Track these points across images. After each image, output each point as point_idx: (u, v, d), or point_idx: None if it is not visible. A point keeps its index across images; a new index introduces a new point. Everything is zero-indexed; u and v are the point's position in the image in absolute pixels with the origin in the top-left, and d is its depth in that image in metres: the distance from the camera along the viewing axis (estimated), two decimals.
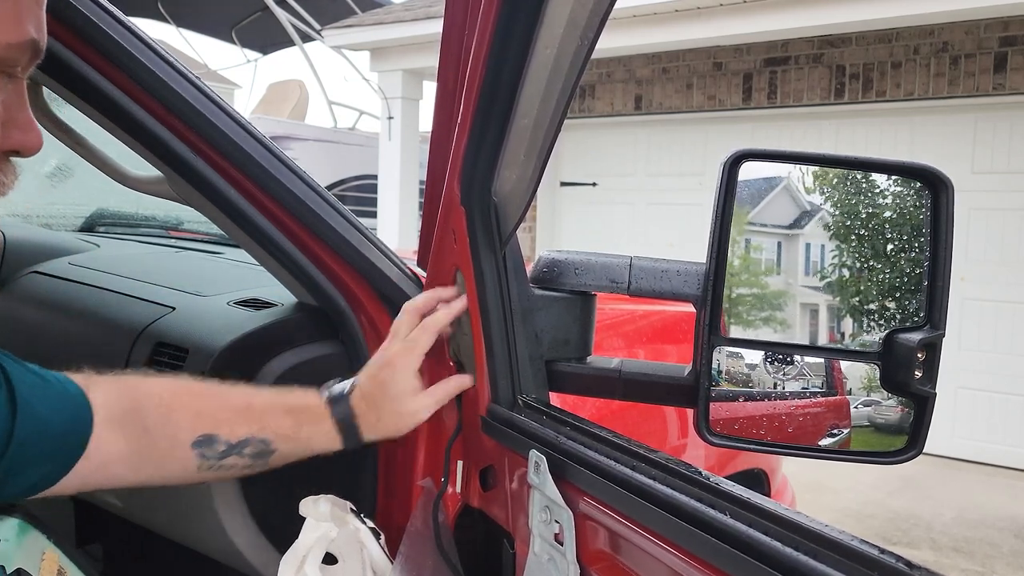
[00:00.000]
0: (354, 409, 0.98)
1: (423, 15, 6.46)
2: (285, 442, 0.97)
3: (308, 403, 0.99)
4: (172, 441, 0.93)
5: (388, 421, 0.98)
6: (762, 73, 5.82)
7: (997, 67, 5.01)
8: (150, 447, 0.93)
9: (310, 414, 0.98)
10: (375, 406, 0.98)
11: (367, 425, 0.98)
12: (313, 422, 0.97)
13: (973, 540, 4.04)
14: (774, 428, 0.88)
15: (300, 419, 0.97)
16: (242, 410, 0.96)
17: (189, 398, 0.96)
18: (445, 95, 0.96)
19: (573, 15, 0.67)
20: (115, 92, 1.02)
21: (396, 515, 1.17)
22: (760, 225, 0.89)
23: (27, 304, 1.54)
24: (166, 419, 0.94)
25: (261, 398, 1.00)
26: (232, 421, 0.95)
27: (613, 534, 0.72)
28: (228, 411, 0.96)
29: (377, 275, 1.16)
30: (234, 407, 0.97)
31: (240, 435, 0.95)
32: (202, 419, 0.94)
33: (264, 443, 0.95)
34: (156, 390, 0.96)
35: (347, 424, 0.97)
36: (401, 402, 0.98)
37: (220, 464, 0.95)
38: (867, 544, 0.50)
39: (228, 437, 0.94)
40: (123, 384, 0.95)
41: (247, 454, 0.95)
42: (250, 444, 0.95)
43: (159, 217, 2.26)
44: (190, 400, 0.96)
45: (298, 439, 0.97)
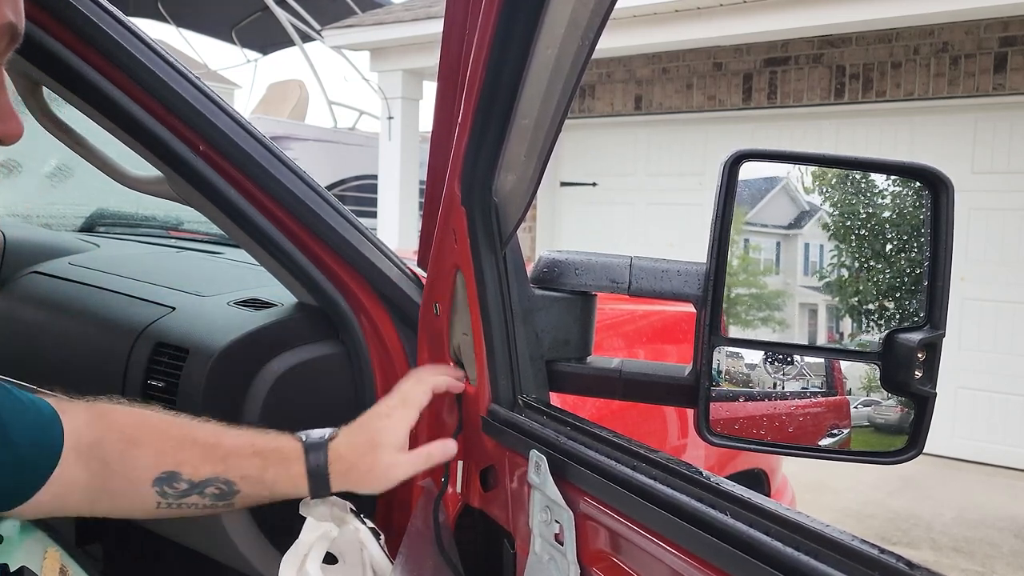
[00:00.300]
0: (330, 456, 0.94)
1: (423, 15, 6.46)
2: (249, 484, 0.93)
3: (279, 446, 0.95)
4: (131, 477, 0.91)
5: (363, 473, 0.95)
6: (762, 73, 5.82)
7: (997, 67, 5.01)
8: (108, 481, 0.90)
9: (278, 457, 0.94)
10: (355, 455, 0.95)
11: (337, 473, 0.94)
12: (281, 465, 0.94)
13: (973, 540, 4.04)
14: (774, 428, 0.88)
15: (267, 461, 0.94)
16: (207, 448, 0.93)
17: (154, 433, 0.93)
18: (446, 95, 0.96)
19: (574, 15, 0.67)
20: (115, 92, 1.02)
21: (396, 515, 1.17)
22: (759, 225, 0.89)
23: (27, 304, 1.54)
24: (127, 454, 0.91)
25: (229, 437, 0.96)
26: (196, 460, 0.92)
27: (613, 534, 0.72)
28: (193, 449, 0.93)
29: (377, 275, 1.16)
30: (200, 445, 0.93)
31: (203, 475, 0.92)
32: (164, 456, 0.91)
33: (227, 484, 0.92)
34: (121, 422, 0.93)
35: (319, 471, 0.94)
36: (384, 454, 0.95)
37: (180, 503, 0.92)
38: (867, 544, 0.50)
39: (190, 476, 0.91)
40: (93, 412, 0.93)
41: (208, 494, 0.92)
42: (212, 484, 0.92)
43: (159, 217, 2.26)
44: (154, 435, 0.93)
45: (263, 481, 0.93)
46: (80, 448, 0.89)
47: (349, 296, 1.18)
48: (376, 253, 1.17)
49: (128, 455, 0.91)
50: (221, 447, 0.94)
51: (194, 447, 0.93)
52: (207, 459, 0.92)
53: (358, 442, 0.96)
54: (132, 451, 0.91)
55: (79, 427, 0.90)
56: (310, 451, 0.94)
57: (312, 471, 0.93)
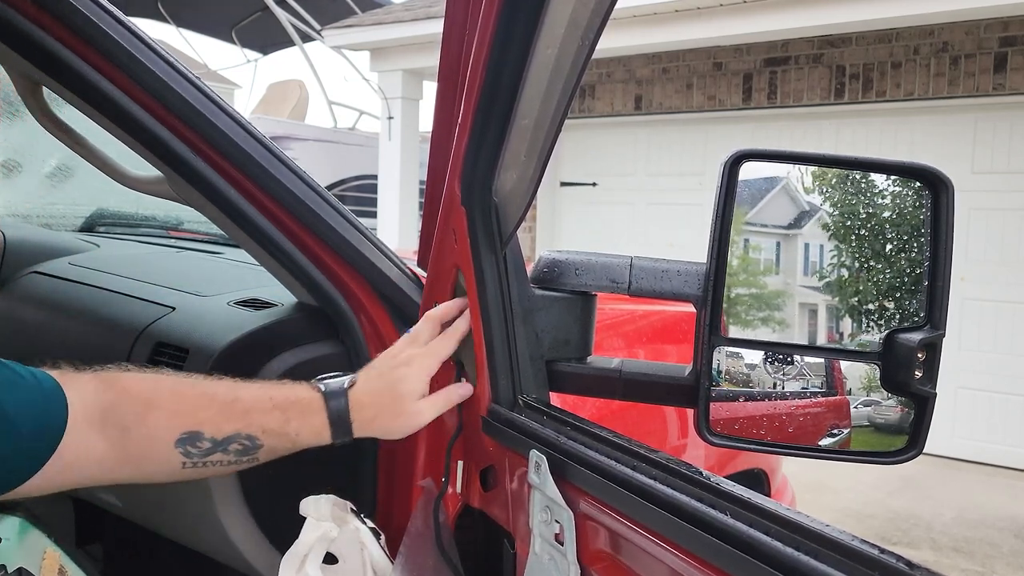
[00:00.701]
0: (351, 404, 0.96)
1: (423, 15, 6.46)
2: (272, 437, 0.94)
3: (299, 396, 0.96)
4: (153, 440, 0.90)
5: (386, 419, 0.96)
6: (762, 73, 5.82)
7: (997, 67, 5.01)
8: (130, 446, 0.90)
9: (299, 408, 0.95)
10: (377, 402, 0.96)
11: (361, 421, 0.96)
12: (302, 416, 0.95)
13: (973, 540, 4.04)
14: (774, 428, 0.88)
15: (288, 414, 0.94)
16: (227, 405, 0.93)
17: (171, 394, 0.93)
18: (446, 95, 0.96)
19: (574, 15, 0.67)
20: (115, 92, 1.02)
21: (396, 515, 1.17)
22: (759, 225, 0.89)
23: (27, 304, 1.54)
24: (146, 416, 0.90)
25: (248, 392, 0.96)
26: (217, 417, 0.92)
27: (613, 534, 0.72)
28: (213, 407, 0.93)
29: (377, 275, 1.16)
30: (220, 402, 0.94)
31: (226, 432, 0.92)
32: (185, 416, 0.91)
33: (250, 439, 0.93)
34: (136, 386, 0.92)
35: (341, 418, 0.95)
36: (406, 402, 0.96)
37: (205, 461, 0.92)
38: (867, 544, 0.50)
39: (213, 434, 0.92)
40: (101, 380, 0.92)
41: (232, 451, 0.93)
42: (236, 441, 0.92)
43: (159, 217, 2.26)
44: (172, 396, 0.93)
45: (285, 434, 0.94)
46: (92, 417, 0.88)
47: (349, 296, 1.18)
48: (376, 253, 1.17)
49: (147, 418, 0.90)
50: (240, 402, 0.94)
51: (213, 405, 0.93)
52: (228, 416, 0.92)
53: (378, 389, 0.97)
54: (150, 414, 0.90)
55: (87, 396, 0.89)
56: (330, 399, 0.95)
57: (334, 420, 0.95)
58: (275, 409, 0.94)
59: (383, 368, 0.99)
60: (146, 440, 0.90)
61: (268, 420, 0.94)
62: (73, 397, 0.88)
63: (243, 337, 1.20)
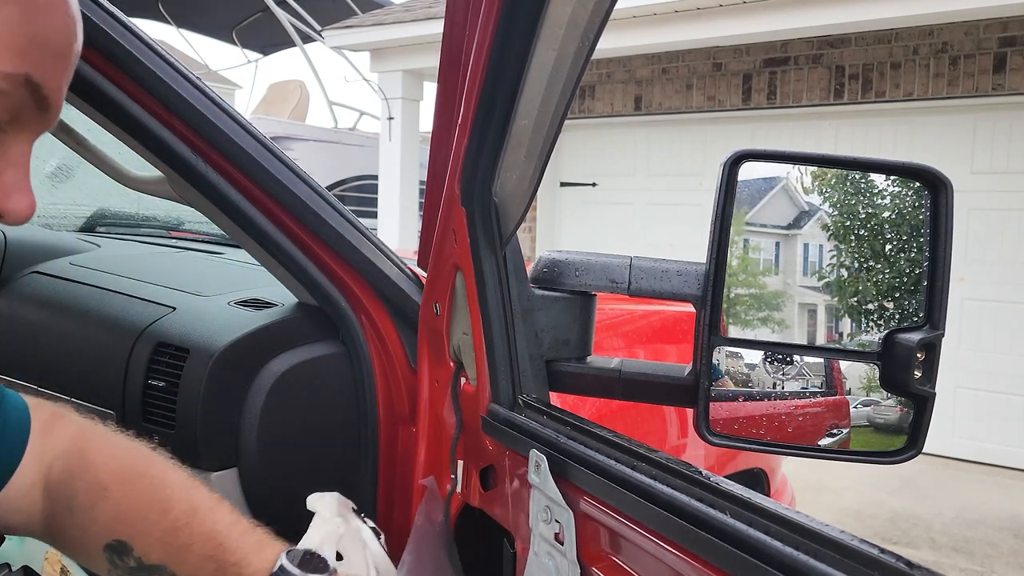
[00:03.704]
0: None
1: (423, 16, 6.46)
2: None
3: (243, 559, 0.80)
4: (87, 533, 0.82)
5: None
6: (761, 74, 5.82)
7: (996, 67, 5.01)
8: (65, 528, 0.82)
9: (235, 573, 0.80)
10: None
11: None
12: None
13: (972, 540, 4.04)
14: (774, 428, 0.88)
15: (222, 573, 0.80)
16: (173, 528, 0.81)
17: (127, 489, 0.82)
18: (446, 96, 0.96)
19: (574, 16, 0.67)
20: (116, 92, 1.02)
21: (396, 515, 1.17)
22: (759, 225, 0.89)
23: (28, 304, 1.54)
24: (94, 506, 0.81)
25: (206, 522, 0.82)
26: (153, 537, 0.81)
27: (613, 534, 0.72)
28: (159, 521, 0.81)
29: (377, 275, 1.16)
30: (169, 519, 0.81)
31: (152, 559, 0.80)
32: (123, 521, 0.81)
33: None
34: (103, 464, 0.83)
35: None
36: None
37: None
38: (867, 544, 0.50)
39: (141, 555, 0.80)
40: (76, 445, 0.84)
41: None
42: (159, 573, 0.81)
43: (160, 217, 2.26)
44: (127, 492, 0.82)
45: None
46: (50, 479, 0.82)
47: (349, 296, 1.18)
48: (376, 253, 1.17)
49: (93, 509, 0.81)
50: (188, 531, 0.81)
51: (162, 519, 0.81)
52: (164, 541, 0.81)
53: None
54: (99, 504, 0.81)
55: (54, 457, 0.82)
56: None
57: None
58: (211, 560, 0.80)
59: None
60: (80, 531, 0.82)
61: (199, 569, 0.80)
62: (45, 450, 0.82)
63: (243, 337, 1.21)
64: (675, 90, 6.20)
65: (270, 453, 1.17)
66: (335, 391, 1.21)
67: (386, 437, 1.19)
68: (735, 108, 5.95)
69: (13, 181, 0.57)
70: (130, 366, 1.27)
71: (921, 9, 4.66)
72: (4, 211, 0.57)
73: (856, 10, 4.83)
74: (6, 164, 0.56)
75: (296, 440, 1.20)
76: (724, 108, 5.99)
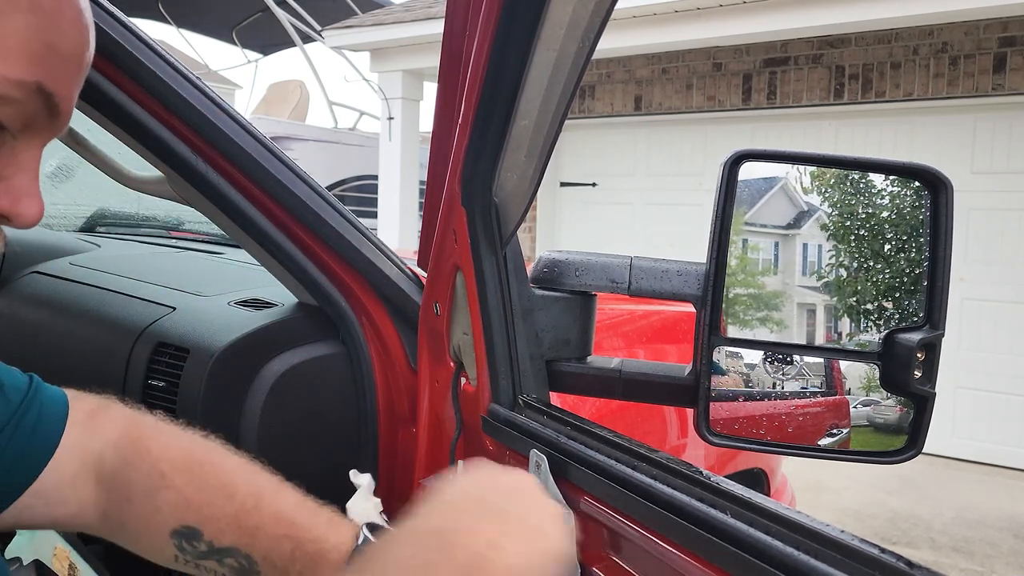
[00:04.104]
0: None
1: (423, 16, 6.46)
2: (270, 570, 0.79)
3: (321, 535, 0.79)
4: (151, 521, 0.81)
5: None
6: (761, 74, 5.82)
7: (996, 67, 5.01)
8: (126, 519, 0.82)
9: (314, 549, 0.78)
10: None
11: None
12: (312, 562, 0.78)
13: (972, 540, 4.04)
14: (774, 428, 0.88)
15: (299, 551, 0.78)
16: (242, 511, 0.80)
17: (187, 477, 0.82)
18: (446, 96, 0.96)
19: (574, 16, 0.67)
20: (115, 92, 1.02)
21: (396, 515, 1.17)
22: (759, 225, 0.89)
23: (28, 304, 1.54)
24: (156, 494, 0.80)
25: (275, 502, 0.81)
26: (223, 521, 0.80)
27: (614, 533, 0.72)
28: (227, 505, 0.81)
29: (377, 275, 1.16)
30: (236, 502, 0.81)
31: (224, 542, 0.79)
32: (190, 507, 0.80)
33: (248, 561, 0.79)
34: (159, 452, 0.82)
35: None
36: None
37: (199, 564, 0.81)
38: (867, 544, 0.50)
39: (212, 539, 0.80)
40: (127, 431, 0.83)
41: (228, 565, 0.80)
42: (232, 556, 0.79)
43: (160, 217, 2.26)
44: (189, 479, 0.82)
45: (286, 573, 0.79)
46: (101, 471, 0.81)
47: (349, 296, 1.18)
48: (376, 253, 1.17)
49: (155, 496, 0.80)
50: (257, 513, 0.80)
51: (228, 504, 0.80)
52: (235, 524, 0.80)
53: None
54: (160, 493, 0.80)
55: (104, 447, 0.82)
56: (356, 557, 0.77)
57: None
58: (287, 538, 0.79)
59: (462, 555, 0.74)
60: (144, 520, 0.82)
61: (274, 548, 0.79)
62: (90, 437, 0.82)
63: (243, 337, 1.21)
64: (675, 90, 6.20)
65: (270, 453, 1.17)
66: (335, 391, 1.21)
67: (386, 437, 1.19)
68: (735, 108, 5.95)
69: (23, 186, 0.57)
70: (130, 366, 1.28)
71: (921, 9, 4.67)
72: (13, 215, 0.57)
73: (856, 10, 4.83)
74: (16, 169, 0.57)
75: (296, 440, 1.20)
76: (724, 108, 5.99)
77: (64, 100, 0.58)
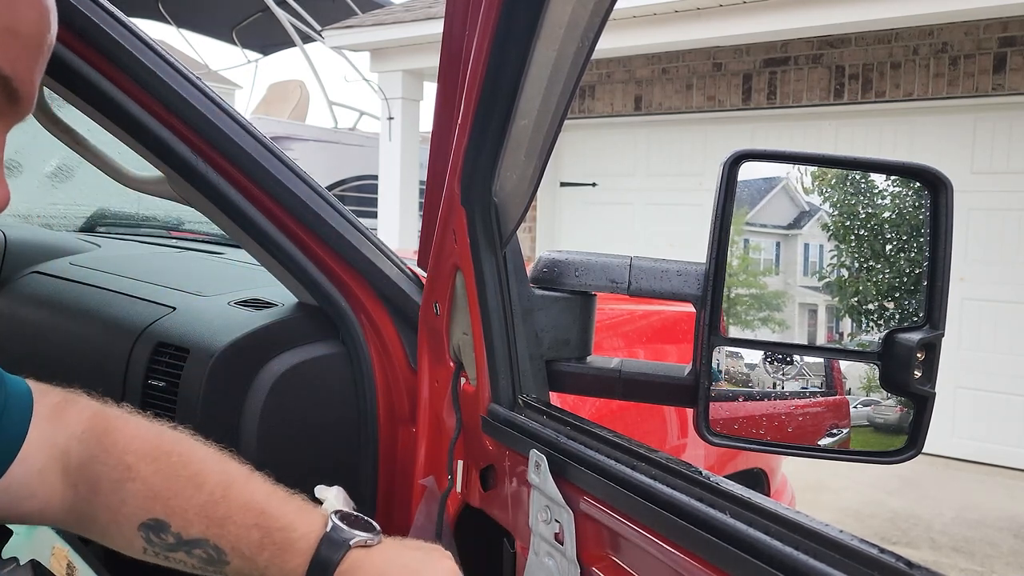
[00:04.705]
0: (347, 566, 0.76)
1: (423, 16, 6.46)
2: (239, 559, 0.79)
3: (289, 524, 0.79)
4: (118, 514, 0.80)
5: None
6: (761, 74, 5.82)
7: (996, 67, 5.01)
8: (94, 511, 0.81)
9: (282, 539, 0.78)
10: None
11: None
12: (280, 551, 0.78)
13: (972, 540, 4.04)
14: (774, 428, 0.88)
15: (267, 540, 0.78)
16: (210, 501, 0.79)
17: (154, 468, 0.81)
18: (446, 96, 0.96)
19: (573, 16, 0.67)
20: (115, 92, 1.02)
21: (396, 515, 1.17)
22: (759, 225, 0.89)
23: (28, 304, 1.54)
24: (121, 486, 0.80)
25: (244, 492, 0.81)
26: (191, 512, 0.79)
27: (613, 533, 0.72)
28: (194, 496, 0.80)
29: (377, 275, 1.16)
30: (205, 493, 0.80)
31: (192, 533, 0.79)
32: (157, 499, 0.79)
33: (217, 551, 0.79)
34: (125, 445, 0.81)
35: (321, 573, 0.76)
36: None
37: (168, 556, 0.80)
38: (867, 544, 0.50)
39: (179, 530, 0.79)
40: (93, 425, 0.82)
41: (196, 556, 0.79)
42: (201, 547, 0.79)
43: (160, 217, 2.26)
44: (155, 471, 0.81)
45: (254, 563, 0.78)
46: (68, 464, 0.81)
47: (349, 296, 1.18)
48: (376, 253, 1.17)
49: (121, 489, 0.80)
50: (225, 503, 0.79)
51: (196, 494, 0.80)
52: (203, 515, 0.79)
53: None
54: (127, 485, 0.80)
55: (69, 440, 0.81)
56: (324, 546, 0.77)
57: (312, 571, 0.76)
58: (256, 528, 0.78)
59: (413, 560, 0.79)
60: (111, 513, 0.81)
61: (242, 538, 0.78)
62: (55, 431, 0.81)
63: (243, 337, 1.21)
64: (675, 90, 6.20)
65: (270, 453, 1.17)
66: (335, 391, 1.21)
67: (386, 437, 1.19)
68: (735, 108, 5.95)
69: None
70: (130, 366, 1.28)
71: (921, 9, 4.66)
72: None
73: (856, 10, 4.83)
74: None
75: (296, 440, 1.20)
76: (724, 108, 5.99)
77: (24, 84, 0.56)
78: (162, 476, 0.80)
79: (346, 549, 0.77)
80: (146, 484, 0.80)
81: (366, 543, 0.78)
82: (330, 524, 0.79)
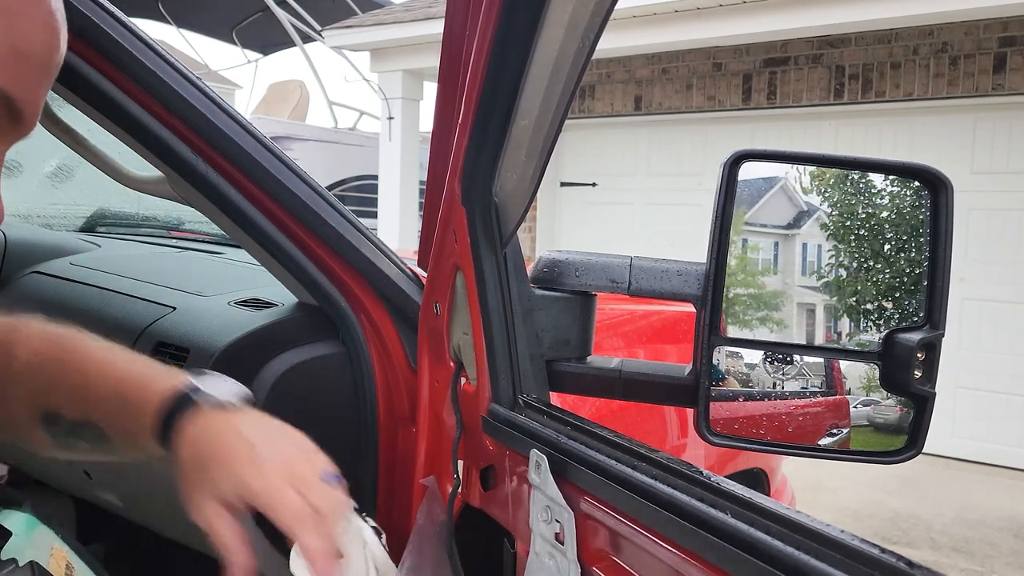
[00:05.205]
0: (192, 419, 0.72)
1: (423, 16, 6.46)
2: (115, 431, 0.77)
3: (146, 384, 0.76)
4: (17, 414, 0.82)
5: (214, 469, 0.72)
6: (761, 74, 5.82)
7: (996, 67, 5.01)
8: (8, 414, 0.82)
9: (138, 399, 0.75)
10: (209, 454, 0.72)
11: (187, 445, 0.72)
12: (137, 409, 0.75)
13: (973, 540, 4.04)
14: (774, 428, 0.88)
15: (127, 404, 0.75)
16: (81, 386, 0.79)
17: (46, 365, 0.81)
18: (446, 95, 0.96)
19: (574, 16, 0.67)
20: (115, 92, 1.02)
21: (396, 515, 1.17)
22: (759, 225, 0.89)
23: (28, 304, 1.54)
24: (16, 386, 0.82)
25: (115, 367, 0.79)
26: (71, 396, 0.79)
27: (614, 533, 0.72)
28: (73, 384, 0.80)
29: (377, 275, 1.16)
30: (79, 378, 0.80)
31: (74, 415, 0.79)
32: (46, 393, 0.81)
33: (98, 429, 0.78)
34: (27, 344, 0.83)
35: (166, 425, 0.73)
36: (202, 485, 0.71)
37: (68, 444, 0.81)
38: (867, 543, 0.50)
39: (68, 415, 0.79)
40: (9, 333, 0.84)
41: (88, 437, 0.79)
42: (87, 427, 0.79)
43: (160, 217, 2.26)
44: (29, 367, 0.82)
45: (123, 428, 0.76)
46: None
47: (349, 296, 1.18)
48: (376, 253, 1.17)
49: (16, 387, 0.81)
50: (96, 381, 0.78)
51: (74, 380, 0.79)
52: (79, 396, 0.78)
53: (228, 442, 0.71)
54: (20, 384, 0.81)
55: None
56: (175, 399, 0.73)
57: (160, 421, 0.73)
58: (117, 396, 0.76)
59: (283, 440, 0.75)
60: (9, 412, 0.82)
61: (109, 409, 0.77)
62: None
63: (243, 337, 1.21)
64: (675, 90, 6.20)
65: None
66: (335, 391, 1.21)
67: (386, 437, 1.19)
68: (735, 108, 5.95)
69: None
70: None
71: (921, 9, 4.66)
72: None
73: (856, 10, 4.83)
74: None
75: None
76: (724, 108, 5.99)
77: (28, 105, 0.56)
78: (45, 371, 0.81)
79: (191, 402, 0.73)
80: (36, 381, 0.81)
81: (223, 406, 0.75)
82: (189, 380, 0.77)
